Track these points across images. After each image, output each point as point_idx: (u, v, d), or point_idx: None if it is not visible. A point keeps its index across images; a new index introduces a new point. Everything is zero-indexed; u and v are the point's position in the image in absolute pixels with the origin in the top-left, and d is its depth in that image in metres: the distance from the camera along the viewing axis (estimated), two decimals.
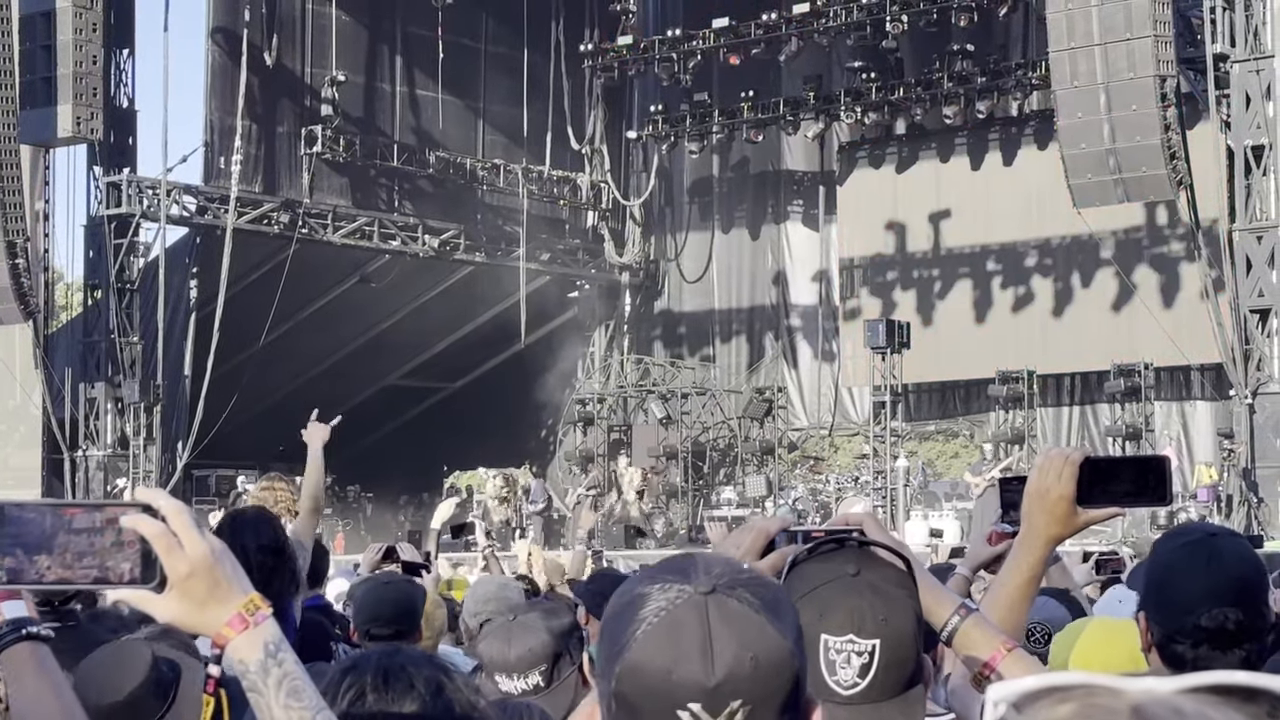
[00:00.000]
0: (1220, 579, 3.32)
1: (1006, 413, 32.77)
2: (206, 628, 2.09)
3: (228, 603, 2.09)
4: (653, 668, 1.78)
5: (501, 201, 37.43)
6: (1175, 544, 3.45)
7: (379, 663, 2.49)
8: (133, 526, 2.06)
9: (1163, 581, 3.42)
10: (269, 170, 33.69)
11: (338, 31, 34.21)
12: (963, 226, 34.98)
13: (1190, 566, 3.35)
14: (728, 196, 39.21)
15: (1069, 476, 2.94)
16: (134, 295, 31.34)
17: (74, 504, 2.08)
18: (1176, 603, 3.34)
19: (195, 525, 2.07)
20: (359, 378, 36.81)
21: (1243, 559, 3.40)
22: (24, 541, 2.05)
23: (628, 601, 1.83)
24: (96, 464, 30.73)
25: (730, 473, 36.42)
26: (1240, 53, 25.88)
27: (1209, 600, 3.30)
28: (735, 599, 1.80)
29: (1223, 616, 3.29)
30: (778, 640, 1.80)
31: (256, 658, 2.09)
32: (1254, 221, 25.85)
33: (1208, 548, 3.36)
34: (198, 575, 2.06)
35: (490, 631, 4.54)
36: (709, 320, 39.46)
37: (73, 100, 28.83)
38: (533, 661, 4.30)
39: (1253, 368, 25.89)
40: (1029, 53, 33.02)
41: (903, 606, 2.34)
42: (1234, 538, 3.51)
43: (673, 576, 1.83)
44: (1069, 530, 2.99)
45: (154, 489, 2.14)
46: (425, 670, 2.50)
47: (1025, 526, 3.03)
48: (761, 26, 33.97)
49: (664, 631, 1.79)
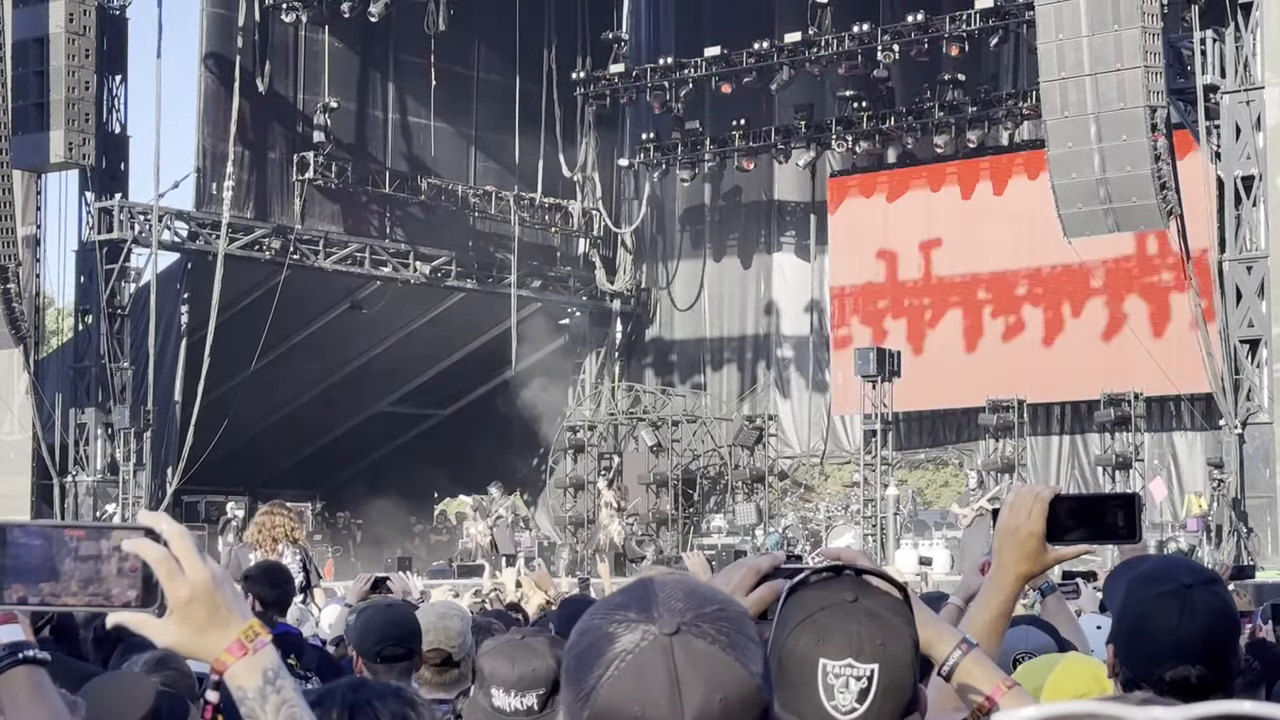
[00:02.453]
0: (1189, 635, 3.33)
1: (996, 441, 32.75)
2: (206, 653, 2.09)
3: (228, 628, 2.09)
4: (622, 714, 1.77)
5: (493, 228, 37.44)
6: (1150, 592, 3.43)
7: (345, 697, 2.49)
8: (134, 550, 2.06)
9: (1133, 629, 3.42)
10: (260, 196, 33.69)
11: (330, 58, 34.26)
12: (953, 255, 35.03)
13: (1161, 619, 3.35)
14: (719, 225, 39.24)
15: (1039, 514, 2.95)
16: (125, 321, 31.31)
17: (76, 526, 2.08)
18: (1144, 653, 3.35)
19: (197, 550, 2.08)
20: (349, 404, 36.76)
21: (1214, 612, 3.39)
22: (26, 563, 2.05)
23: (590, 643, 1.82)
24: (86, 489, 30.65)
25: (720, 500, 36.38)
26: (1230, 83, 25.97)
27: (1175, 656, 3.31)
28: (700, 638, 1.80)
29: (1186, 672, 3.30)
30: (745, 677, 1.80)
31: (255, 684, 2.09)
32: (1244, 252, 25.90)
33: (1180, 600, 3.35)
34: (199, 600, 2.06)
35: (495, 647, 4.55)
36: (700, 348, 39.45)
37: (65, 126, 28.82)
38: (533, 683, 4.31)
39: (1242, 398, 25.91)
40: (1019, 83, 33.11)
41: (900, 633, 2.34)
42: (1209, 587, 3.48)
43: (635, 615, 1.82)
44: (1039, 567, 3.01)
45: (156, 513, 2.14)
46: (391, 704, 2.49)
47: (995, 563, 3.04)
48: (753, 55, 34.05)
49: (631, 676, 1.78)
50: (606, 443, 37.11)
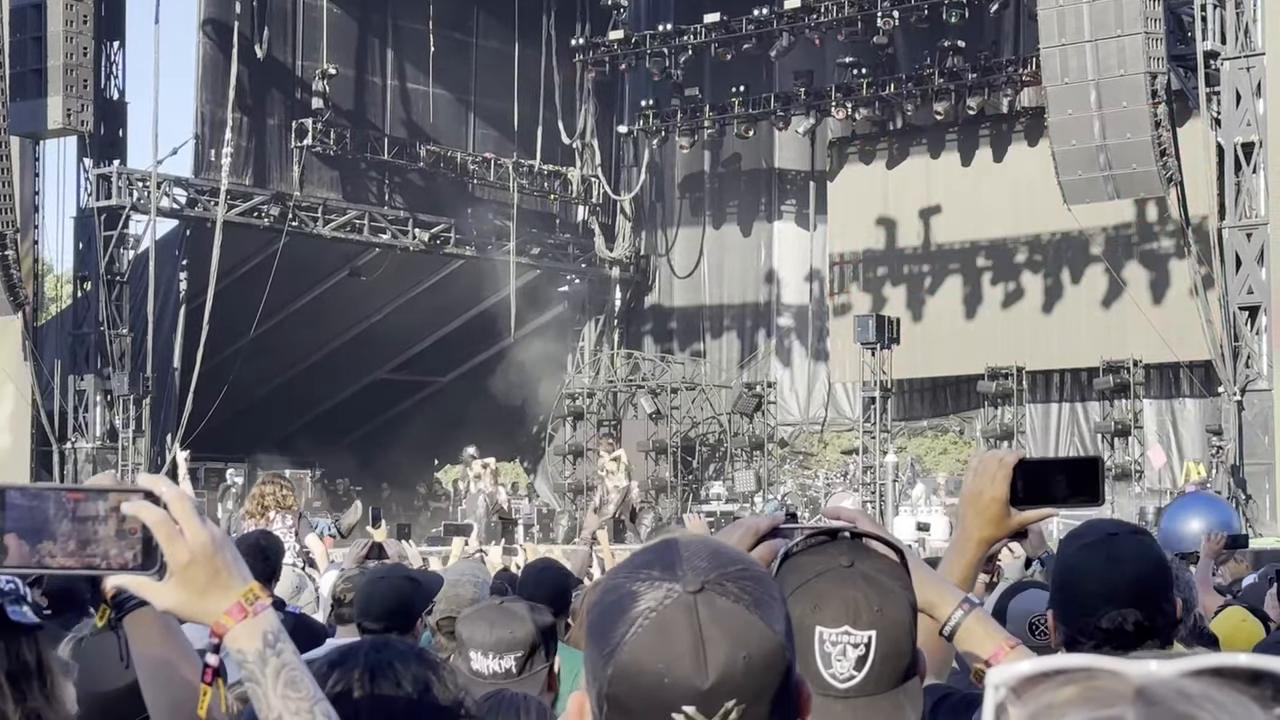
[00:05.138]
0: (1118, 580, 3.35)
1: (996, 409, 32.79)
2: (206, 616, 2.09)
3: (228, 591, 2.09)
4: (645, 671, 1.76)
5: (492, 195, 37.40)
6: (1076, 545, 3.47)
7: (367, 658, 2.49)
8: (134, 513, 2.05)
9: (1065, 583, 3.45)
10: (259, 163, 33.65)
11: (329, 24, 34.17)
12: (953, 222, 35.00)
13: (1088, 568, 3.38)
14: (719, 192, 39.21)
15: (1002, 479, 2.94)
16: (124, 288, 31.29)
17: (75, 488, 2.08)
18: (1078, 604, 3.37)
19: (197, 513, 2.07)
20: (348, 371, 36.79)
21: (1141, 558, 3.42)
22: (27, 526, 2.04)
23: (614, 601, 1.81)
24: (85, 456, 30.67)
25: (720, 468, 36.43)
26: (1231, 50, 25.91)
27: (1107, 602, 3.33)
28: (724, 596, 1.79)
29: (1120, 618, 3.32)
30: (768, 635, 1.78)
31: (255, 647, 2.09)
32: (1244, 219, 25.88)
33: (1105, 549, 3.38)
34: (198, 563, 2.06)
35: (474, 612, 4.61)
36: (699, 316, 39.47)
37: (63, 92, 28.75)
38: (511, 645, 4.36)
39: (1241, 365, 25.92)
40: (1020, 49, 33.03)
41: (897, 598, 2.32)
42: (1135, 536, 3.52)
43: (659, 572, 1.81)
44: (1002, 532, 3.00)
45: (156, 475, 2.13)
46: (414, 666, 2.49)
47: (959, 528, 3.04)
48: (753, 22, 33.96)
49: (654, 634, 1.77)
50: (605, 410, 37.15)
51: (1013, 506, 2.95)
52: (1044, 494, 2.95)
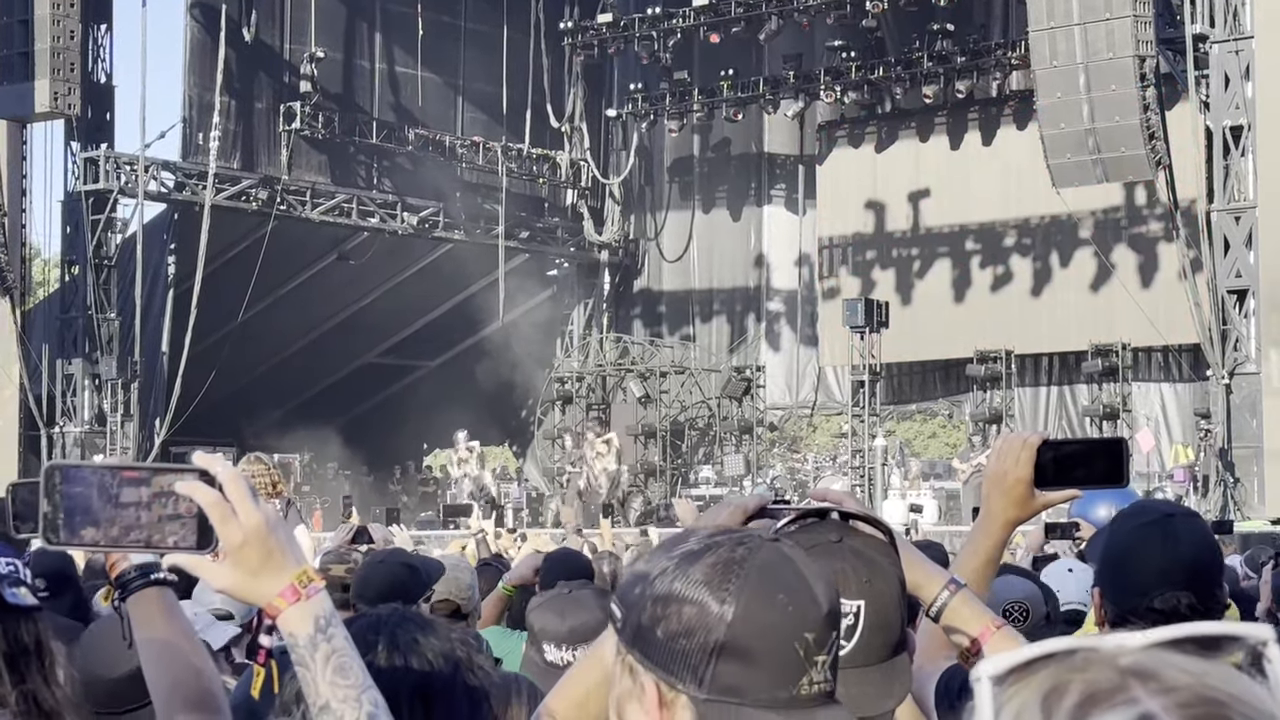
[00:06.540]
0: (1175, 562, 3.33)
1: (984, 392, 32.82)
2: (260, 597, 2.08)
3: (281, 573, 2.08)
4: (771, 605, 1.81)
5: (480, 179, 37.33)
6: (1132, 524, 3.44)
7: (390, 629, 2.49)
8: (189, 493, 2.05)
9: (1118, 561, 3.42)
10: (247, 147, 33.57)
11: (317, 7, 34.06)
12: (942, 206, 35.00)
13: (1145, 548, 3.35)
14: (708, 177, 39.18)
15: (1026, 460, 2.95)
16: (111, 271, 31.24)
17: (130, 466, 2.07)
18: (1131, 584, 3.35)
19: (251, 494, 2.06)
20: (337, 355, 36.74)
21: (1198, 541, 3.40)
22: (81, 504, 2.03)
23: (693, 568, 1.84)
24: (74, 440, 30.64)
25: (709, 452, 36.41)
26: (1219, 33, 25.91)
27: (1163, 583, 3.31)
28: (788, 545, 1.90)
29: (1175, 600, 3.30)
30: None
31: (306, 631, 2.08)
32: (1232, 202, 25.90)
33: (1163, 529, 3.36)
34: (251, 544, 2.05)
35: (544, 603, 4.66)
36: (688, 300, 39.45)
37: (50, 75, 28.69)
38: (584, 635, 4.40)
39: (1230, 348, 25.96)
40: (1009, 33, 33.01)
41: (886, 571, 2.35)
42: (1191, 518, 3.51)
43: (722, 539, 1.87)
44: (1027, 513, 3.01)
45: (211, 455, 2.12)
46: (434, 640, 2.49)
47: (983, 510, 3.04)
48: (741, 5, 33.92)
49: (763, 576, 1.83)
50: (595, 394, 37.12)
51: (1036, 488, 2.95)
52: (1068, 475, 2.95)
